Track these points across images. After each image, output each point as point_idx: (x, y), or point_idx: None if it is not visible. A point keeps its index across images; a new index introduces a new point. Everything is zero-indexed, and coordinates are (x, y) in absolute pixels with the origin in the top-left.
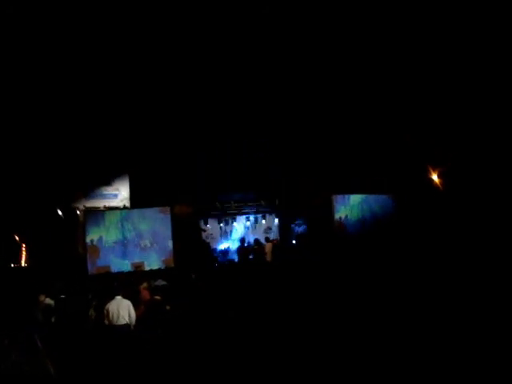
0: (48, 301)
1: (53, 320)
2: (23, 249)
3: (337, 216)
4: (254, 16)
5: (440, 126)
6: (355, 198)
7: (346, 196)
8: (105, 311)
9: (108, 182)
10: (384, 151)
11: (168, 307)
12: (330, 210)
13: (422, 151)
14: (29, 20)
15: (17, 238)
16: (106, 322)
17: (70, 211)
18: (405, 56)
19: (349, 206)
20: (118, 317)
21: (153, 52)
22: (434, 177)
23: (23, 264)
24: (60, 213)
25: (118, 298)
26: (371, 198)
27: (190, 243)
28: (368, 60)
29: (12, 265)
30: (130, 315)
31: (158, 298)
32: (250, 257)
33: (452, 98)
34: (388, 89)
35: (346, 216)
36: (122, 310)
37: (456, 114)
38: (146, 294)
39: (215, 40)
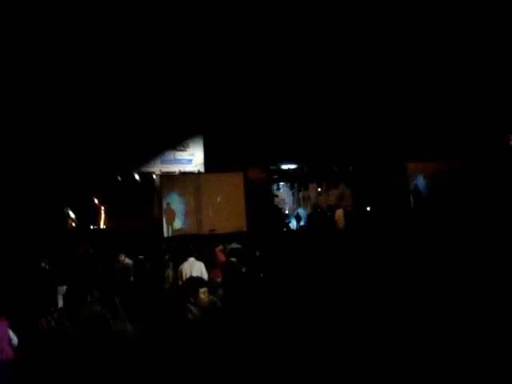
0: (127, 261)
1: (131, 279)
2: (102, 211)
3: (411, 183)
4: None
5: None
6: (429, 166)
7: (421, 164)
8: (178, 272)
9: (183, 147)
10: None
11: (243, 269)
12: (403, 178)
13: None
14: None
15: (96, 201)
16: (180, 282)
17: (146, 176)
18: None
19: (423, 174)
20: None
21: None
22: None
23: (102, 226)
24: (137, 177)
25: (191, 259)
26: (446, 166)
27: (262, 208)
28: None
29: (91, 227)
30: (202, 276)
31: (233, 260)
32: (322, 223)
33: None
34: None
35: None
36: (195, 271)
37: None
38: (221, 257)
39: None
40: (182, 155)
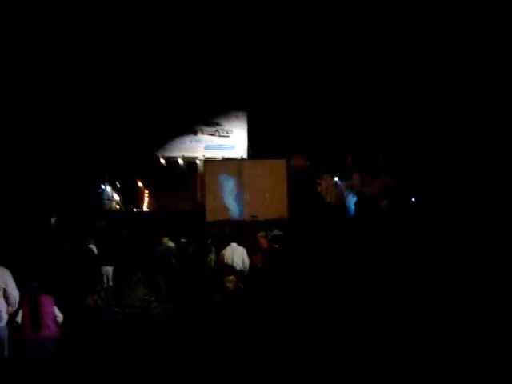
0: (170, 244)
1: (174, 262)
2: (146, 195)
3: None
4: None
5: None
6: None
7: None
8: (220, 257)
9: (226, 133)
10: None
11: (285, 256)
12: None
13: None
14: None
15: (140, 185)
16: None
17: (190, 161)
18: None
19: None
20: (233, 262)
21: None
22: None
23: (145, 209)
24: (181, 162)
25: (234, 244)
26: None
27: (304, 196)
28: None
29: (135, 209)
30: (243, 262)
31: (276, 246)
32: (368, 212)
33: None
34: None
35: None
36: (237, 256)
37: None
38: (263, 243)
39: None
40: (225, 141)
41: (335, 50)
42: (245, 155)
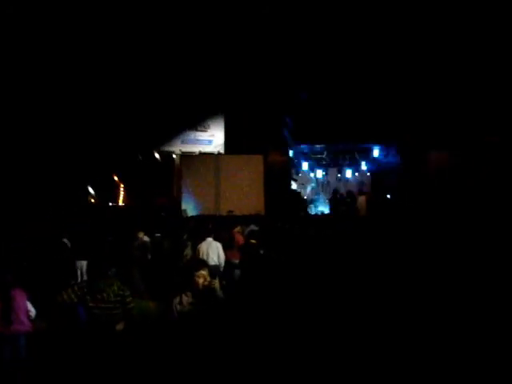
0: (145, 238)
1: (149, 257)
2: (121, 189)
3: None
4: None
5: None
6: (451, 156)
7: (443, 153)
8: (196, 251)
9: (204, 128)
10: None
11: (262, 251)
12: (425, 166)
13: None
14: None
15: (116, 179)
16: None
17: (166, 155)
18: None
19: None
20: (208, 257)
21: None
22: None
23: (121, 203)
24: (157, 156)
25: (209, 239)
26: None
27: (280, 192)
28: None
29: (110, 203)
30: (219, 256)
31: (253, 241)
32: (342, 209)
33: None
34: None
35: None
36: (212, 251)
37: None
38: (239, 238)
39: None
40: (202, 136)
41: (328, 47)
42: (222, 150)
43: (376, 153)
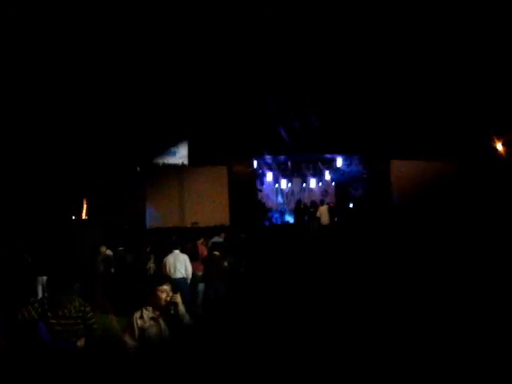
0: (108, 252)
1: (112, 271)
2: (84, 203)
3: (394, 182)
4: None
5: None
6: (413, 165)
7: (406, 162)
8: (162, 264)
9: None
10: (447, 117)
11: (226, 263)
12: (387, 175)
13: (486, 118)
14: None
15: (78, 193)
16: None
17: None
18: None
19: (407, 173)
20: (175, 270)
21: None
22: (499, 146)
23: (84, 217)
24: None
25: (176, 251)
26: (431, 165)
27: (245, 203)
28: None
29: (73, 217)
30: (186, 269)
31: (216, 253)
32: (306, 219)
33: None
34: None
35: (403, 182)
36: (179, 263)
37: None
38: (203, 250)
39: None
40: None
41: (291, 58)
42: (186, 161)
43: (339, 162)
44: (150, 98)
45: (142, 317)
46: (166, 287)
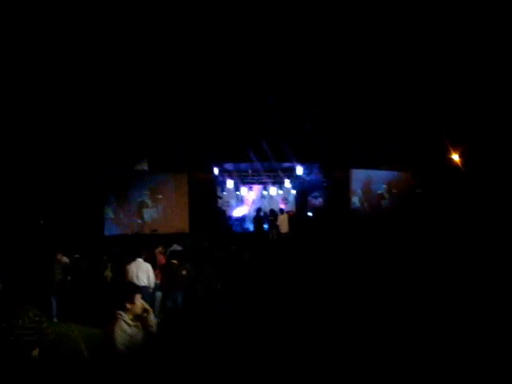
0: (64, 259)
1: (68, 278)
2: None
3: (353, 190)
4: None
5: (465, 104)
6: (373, 174)
7: (364, 171)
8: (125, 272)
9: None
10: (404, 127)
11: (184, 272)
12: (347, 183)
13: (443, 129)
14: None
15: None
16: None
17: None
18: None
19: (366, 181)
20: (137, 278)
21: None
22: (455, 156)
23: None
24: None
25: (139, 260)
26: (389, 174)
27: (205, 210)
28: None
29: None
30: (149, 278)
31: (175, 262)
32: (265, 226)
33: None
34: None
35: (363, 190)
36: (141, 272)
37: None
38: (161, 259)
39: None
40: None
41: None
42: (146, 168)
43: (299, 171)
44: (108, 107)
45: (126, 323)
46: (138, 296)
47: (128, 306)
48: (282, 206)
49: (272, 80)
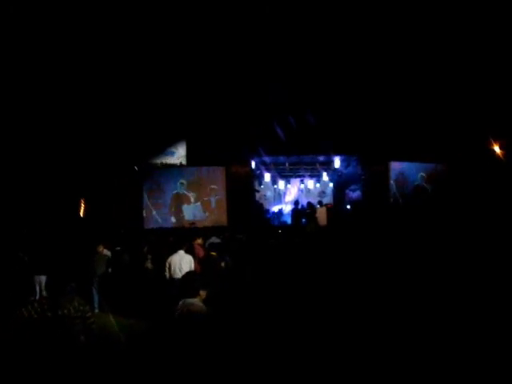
0: (105, 252)
1: (109, 270)
2: (82, 202)
3: (392, 183)
4: None
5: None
6: (412, 166)
7: (404, 163)
8: (167, 264)
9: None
10: (444, 119)
11: (223, 264)
12: (386, 176)
13: (484, 120)
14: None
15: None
16: (167, 274)
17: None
18: None
19: (405, 174)
20: (181, 270)
21: None
22: (496, 148)
23: (81, 216)
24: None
25: (181, 252)
26: (429, 166)
27: (243, 203)
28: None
29: (71, 216)
30: (190, 269)
31: (213, 254)
32: (303, 220)
33: None
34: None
35: (402, 183)
36: (184, 264)
37: None
38: (199, 251)
39: None
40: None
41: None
42: (184, 161)
43: (337, 163)
44: (148, 98)
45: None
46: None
47: (201, 292)
48: (320, 200)
49: (311, 73)
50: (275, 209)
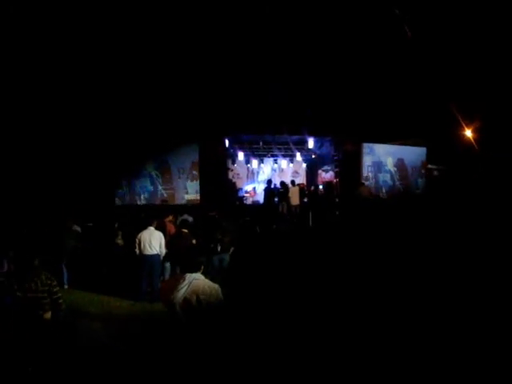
0: (75, 227)
1: (80, 246)
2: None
3: (365, 164)
4: None
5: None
6: (385, 148)
7: (376, 145)
8: (136, 240)
9: None
10: (417, 101)
11: (194, 241)
12: (358, 157)
13: (457, 105)
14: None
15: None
16: (137, 250)
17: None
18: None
19: (377, 155)
20: (150, 246)
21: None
22: (468, 132)
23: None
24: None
25: (151, 228)
26: (402, 148)
27: (216, 182)
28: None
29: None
30: (160, 246)
31: (185, 231)
32: (276, 199)
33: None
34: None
35: (374, 166)
36: (154, 240)
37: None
38: (171, 227)
39: None
40: None
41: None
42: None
43: (311, 144)
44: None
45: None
46: None
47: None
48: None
49: (285, 52)
50: (248, 188)
